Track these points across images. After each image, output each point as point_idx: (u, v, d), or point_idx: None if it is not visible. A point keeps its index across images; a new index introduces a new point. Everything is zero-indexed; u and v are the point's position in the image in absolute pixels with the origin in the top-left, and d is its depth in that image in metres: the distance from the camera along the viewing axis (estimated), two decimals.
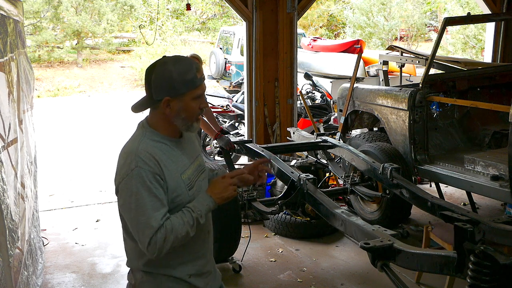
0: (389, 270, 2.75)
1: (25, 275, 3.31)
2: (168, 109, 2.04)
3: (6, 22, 3.65)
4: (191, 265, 2.15)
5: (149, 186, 1.95)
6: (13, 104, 3.58)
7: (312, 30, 22.12)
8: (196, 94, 2.06)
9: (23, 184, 3.67)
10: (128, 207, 1.98)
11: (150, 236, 1.93)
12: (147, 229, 1.94)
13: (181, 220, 1.99)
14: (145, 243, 1.95)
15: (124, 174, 1.97)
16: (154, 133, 2.07)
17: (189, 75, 2.03)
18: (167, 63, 2.03)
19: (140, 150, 1.99)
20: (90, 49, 19.40)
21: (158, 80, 2.02)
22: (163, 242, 1.94)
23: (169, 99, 2.02)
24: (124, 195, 1.99)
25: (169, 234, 1.95)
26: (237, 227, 4.33)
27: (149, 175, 1.96)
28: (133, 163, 1.96)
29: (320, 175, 5.39)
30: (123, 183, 1.98)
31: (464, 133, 5.66)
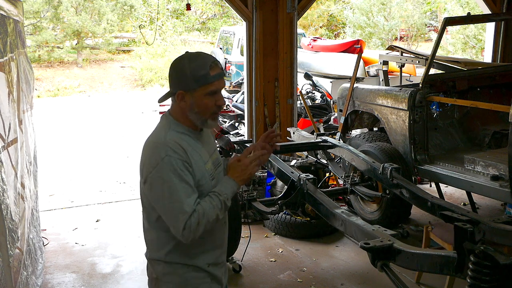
0: (389, 270, 2.75)
1: (24, 275, 3.31)
2: (182, 102, 2.11)
3: (6, 22, 3.65)
4: (210, 254, 2.21)
5: (180, 173, 2.01)
6: (13, 104, 3.58)
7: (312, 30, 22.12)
8: (209, 90, 2.10)
9: (23, 184, 3.67)
10: (160, 195, 2.03)
11: (184, 221, 1.99)
12: (181, 214, 2.00)
13: (210, 204, 2.07)
14: (180, 228, 2.00)
15: (155, 164, 2.02)
16: (178, 125, 2.13)
17: (202, 72, 2.07)
18: (184, 58, 2.12)
19: (169, 140, 2.06)
20: (90, 49, 19.40)
21: (173, 74, 2.12)
22: (196, 226, 2.01)
23: (183, 92, 2.09)
24: (156, 184, 2.04)
25: (202, 218, 2.02)
26: (237, 227, 4.33)
27: (179, 163, 2.02)
28: (163, 152, 2.02)
29: (320, 175, 5.39)
30: (154, 172, 2.02)
31: (464, 133, 5.66)
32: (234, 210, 4.28)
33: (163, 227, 2.10)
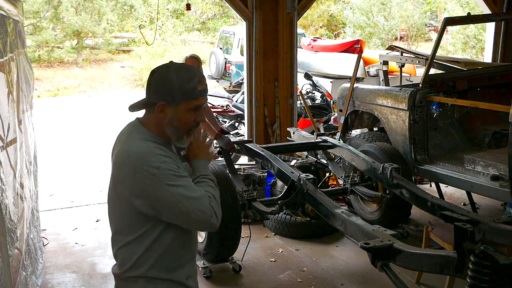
0: (389, 270, 2.75)
1: (24, 275, 3.31)
2: (162, 114, 2.02)
3: (6, 22, 3.64)
4: (188, 267, 2.15)
5: (178, 172, 1.98)
6: (13, 104, 3.57)
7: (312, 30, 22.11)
8: (193, 105, 2.03)
9: (22, 184, 3.66)
10: (171, 200, 1.95)
11: (208, 209, 1.98)
12: (202, 205, 1.97)
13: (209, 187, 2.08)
14: (208, 217, 1.98)
15: (151, 175, 1.93)
16: (152, 135, 2.04)
17: (189, 85, 2.01)
18: (170, 68, 2.03)
19: (154, 148, 1.98)
20: (90, 49, 19.40)
21: (157, 83, 2.02)
22: (218, 209, 2.03)
23: (164, 104, 2.01)
24: (159, 194, 1.94)
25: (216, 198, 2.05)
26: (237, 227, 4.33)
27: (173, 165, 1.98)
28: (156, 161, 1.94)
29: (320, 175, 5.39)
30: (152, 185, 1.93)
31: (464, 133, 5.66)
32: (234, 210, 4.28)
33: (146, 242, 2.03)
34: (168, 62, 2.09)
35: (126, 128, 2.14)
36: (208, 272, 4.44)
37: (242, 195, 4.49)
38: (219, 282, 4.38)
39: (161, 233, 2.03)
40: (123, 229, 2.07)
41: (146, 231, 2.03)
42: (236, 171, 5.14)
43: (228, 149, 5.05)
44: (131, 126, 2.11)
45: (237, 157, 7.07)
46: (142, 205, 1.98)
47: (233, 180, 4.58)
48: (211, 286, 4.34)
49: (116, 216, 2.11)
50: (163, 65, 2.07)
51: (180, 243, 2.08)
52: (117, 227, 2.11)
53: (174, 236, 2.05)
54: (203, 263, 4.48)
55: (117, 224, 2.11)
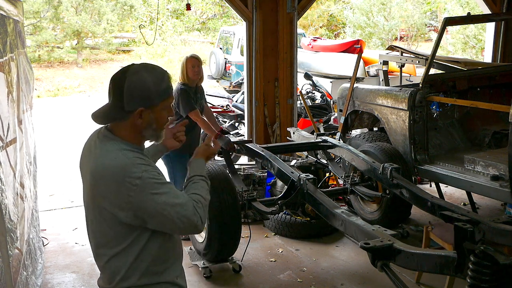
0: (389, 270, 2.75)
1: (24, 275, 3.31)
2: (140, 120, 1.96)
3: (6, 22, 3.65)
4: (176, 266, 2.15)
5: (161, 180, 1.95)
6: (13, 104, 3.57)
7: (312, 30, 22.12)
8: (169, 103, 2.02)
9: (22, 184, 3.66)
10: (156, 209, 1.91)
11: (193, 214, 1.96)
12: (187, 211, 1.95)
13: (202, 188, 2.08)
14: (194, 223, 1.96)
15: (133, 186, 1.89)
16: (127, 144, 1.99)
17: (164, 84, 1.98)
18: (140, 71, 1.96)
19: (133, 158, 1.93)
20: (90, 49, 19.40)
21: (132, 90, 1.93)
22: (204, 213, 2.01)
23: (143, 109, 1.95)
24: (144, 204, 1.91)
25: (204, 204, 2.04)
26: (237, 227, 4.33)
27: (154, 172, 1.95)
28: (138, 171, 1.89)
29: (320, 175, 5.39)
30: (135, 196, 1.89)
31: (464, 133, 5.66)
32: (234, 210, 4.28)
33: (133, 252, 1.99)
34: (129, 65, 2.01)
35: (94, 138, 2.05)
36: (208, 272, 4.44)
37: (242, 195, 4.49)
38: (219, 282, 4.38)
39: (148, 241, 2.00)
40: (107, 242, 2.01)
41: (132, 241, 1.99)
42: (236, 171, 5.14)
43: (228, 149, 5.05)
44: (101, 136, 2.02)
45: (237, 157, 7.07)
46: (127, 217, 1.94)
47: (233, 180, 4.58)
48: (211, 286, 4.34)
49: (98, 229, 2.04)
50: (129, 71, 1.97)
51: (168, 246, 2.07)
52: (99, 241, 2.04)
53: (161, 242, 2.03)
54: (203, 263, 4.48)
55: (100, 238, 2.04)
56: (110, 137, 2.00)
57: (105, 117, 2.02)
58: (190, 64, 4.99)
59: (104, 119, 2.02)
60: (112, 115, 2.00)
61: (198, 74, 5.04)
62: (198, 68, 5.02)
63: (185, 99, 4.93)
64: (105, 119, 2.03)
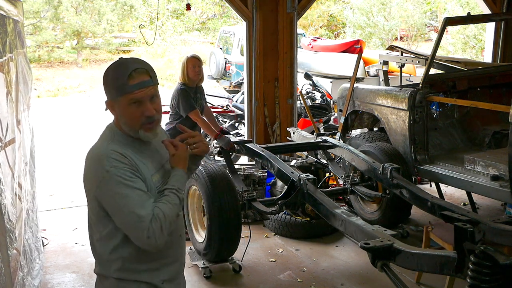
0: (389, 270, 2.75)
1: (20, 275, 3.29)
2: (113, 111, 2.07)
3: (5, 22, 3.64)
4: (165, 271, 2.12)
5: (129, 182, 1.93)
6: (11, 104, 3.57)
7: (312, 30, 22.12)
8: (130, 99, 2.00)
9: (20, 185, 3.65)
10: (116, 208, 1.94)
11: (146, 230, 1.90)
12: (140, 222, 1.91)
13: (168, 203, 1.98)
14: (144, 237, 1.91)
15: (101, 177, 1.94)
16: (122, 135, 2.06)
17: (119, 81, 2.00)
18: (110, 66, 2.09)
19: (110, 151, 1.97)
20: (90, 49, 19.41)
21: (103, 82, 2.07)
22: (160, 231, 1.92)
23: (111, 102, 2.05)
24: (107, 199, 1.95)
25: (164, 222, 1.93)
26: (237, 227, 4.33)
27: (126, 171, 1.94)
28: (108, 164, 1.93)
29: (320, 175, 5.38)
30: (101, 187, 1.94)
31: (464, 133, 5.65)
32: (234, 210, 4.28)
33: (111, 243, 2.02)
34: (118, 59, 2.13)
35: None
36: (208, 272, 4.43)
37: (242, 195, 4.49)
38: (219, 282, 4.38)
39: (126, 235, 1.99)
40: (92, 226, 2.11)
41: (110, 230, 2.02)
42: (236, 171, 5.14)
43: (228, 149, 5.05)
44: (106, 126, 2.14)
45: (237, 157, 7.07)
46: (94, 207, 2.02)
47: (233, 180, 4.58)
48: (211, 286, 4.34)
49: (88, 213, 2.13)
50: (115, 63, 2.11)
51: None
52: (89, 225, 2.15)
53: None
54: (203, 263, 4.48)
55: (89, 222, 2.14)
56: (111, 127, 2.11)
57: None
58: (191, 64, 4.99)
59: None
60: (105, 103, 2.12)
61: (199, 74, 5.04)
62: (199, 68, 5.02)
63: (185, 99, 4.93)
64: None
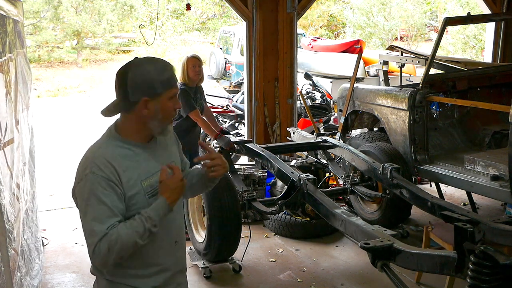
0: (389, 270, 2.75)
1: (18, 276, 3.28)
2: (145, 110, 1.99)
3: (5, 22, 3.64)
4: (155, 278, 2.09)
5: (99, 193, 1.90)
6: (10, 104, 3.56)
7: (312, 30, 22.12)
8: (173, 93, 2.03)
9: (18, 185, 3.64)
10: (80, 212, 1.95)
11: (94, 245, 1.88)
12: (91, 236, 1.88)
13: (130, 229, 1.90)
14: (90, 251, 1.90)
15: (79, 179, 1.95)
16: (118, 138, 2.03)
17: (167, 74, 2.00)
18: (142, 63, 2.00)
19: (97, 156, 1.96)
20: (90, 49, 19.41)
21: (136, 81, 1.97)
22: (107, 252, 1.87)
23: (147, 99, 1.98)
24: (78, 199, 1.97)
25: (113, 245, 1.86)
26: (237, 227, 4.33)
27: (101, 181, 1.90)
28: (88, 168, 1.93)
29: (320, 175, 5.38)
30: (78, 188, 1.96)
31: (464, 133, 5.65)
32: (234, 210, 4.28)
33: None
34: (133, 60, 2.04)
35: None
36: (208, 272, 4.43)
37: (242, 195, 4.49)
38: (219, 282, 4.38)
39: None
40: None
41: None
42: (236, 171, 5.14)
43: (228, 149, 5.05)
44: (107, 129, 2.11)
45: (237, 157, 7.07)
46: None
47: (233, 180, 4.58)
48: (211, 286, 4.34)
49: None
50: (133, 64, 2.01)
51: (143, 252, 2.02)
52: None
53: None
54: (203, 263, 4.48)
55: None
56: (109, 131, 2.08)
57: (113, 109, 2.07)
58: (191, 64, 4.99)
59: (109, 111, 2.08)
60: (117, 107, 2.05)
61: (199, 74, 5.04)
62: (199, 68, 5.02)
63: (185, 99, 4.93)
64: (110, 111, 2.08)
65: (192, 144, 5.08)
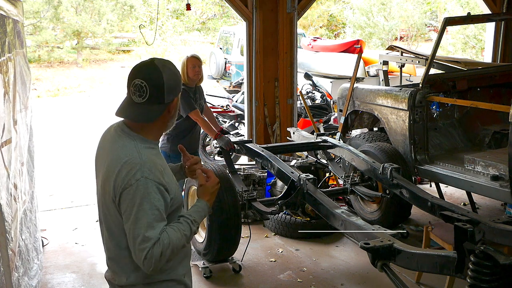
0: (389, 270, 2.75)
1: (16, 276, 3.26)
2: (173, 109, 2.08)
3: (5, 22, 3.64)
4: (184, 263, 2.15)
5: (151, 198, 1.91)
6: (9, 104, 3.55)
7: (312, 30, 22.12)
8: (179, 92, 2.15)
9: (15, 185, 3.63)
10: (128, 218, 1.92)
11: (147, 250, 1.88)
12: (144, 242, 1.88)
13: (179, 233, 1.96)
14: (141, 257, 1.89)
15: (127, 184, 1.91)
16: (143, 139, 2.03)
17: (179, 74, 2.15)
18: (167, 65, 2.04)
19: (145, 160, 1.95)
20: (90, 49, 19.41)
21: (171, 83, 2.01)
22: (159, 257, 1.90)
23: (176, 98, 2.08)
24: (125, 206, 1.93)
25: (166, 249, 1.91)
26: (237, 227, 4.33)
27: (154, 186, 1.92)
28: (139, 173, 1.91)
29: (320, 175, 5.38)
30: (125, 193, 1.92)
31: (464, 133, 5.66)
32: (234, 210, 4.28)
33: None
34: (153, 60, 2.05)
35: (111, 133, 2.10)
36: (208, 272, 4.43)
37: (242, 195, 4.49)
38: (219, 282, 4.38)
39: None
40: (114, 237, 2.05)
41: None
42: (236, 171, 5.14)
43: (228, 150, 5.05)
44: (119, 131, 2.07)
45: (237, 157, 7.07)
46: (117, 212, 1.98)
47: (233, 180, 4.58)
48: (211, 286, 4.34)
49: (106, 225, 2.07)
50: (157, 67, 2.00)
51: None
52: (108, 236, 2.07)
53: None
54: (203, 263, 4.48)
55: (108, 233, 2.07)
56: (127, 133, 2.04)
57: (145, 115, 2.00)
58: (191, 64, 4.98)
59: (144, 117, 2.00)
60: (152, 111, 2.00)
61: (199, 74, 5.04)
62: (199, 68, 5.02)
63: (185, 99, 4.92)
64: (145, 117, 2.00)
65: (192, 144, 5.08)
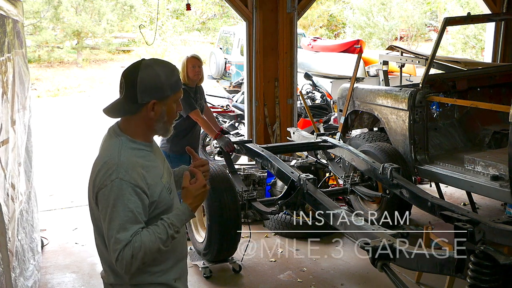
0: (389, 270, 2.75)
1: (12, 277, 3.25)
2: (152, 112, 2.00)
3: (5, 22, 3.64)
4: (176, 269, 2.13)
5: (126, 199, 1.90)
6: (7, 104, 3.54)
7: (312, 30, 22.11)
8: (178, 97, 2.07)
9: (13, 185, 3.61)
10: (104, 217, 1.93)
11: (117, 252, 1.88)
12: (116, 243, 1.89)
13: (153, 236, 1.93)
14: (114, 258, 1.90)
15: (102, 185, 1.92)
16: (131, 140, 2.02)
17: (175, 77, 2.03)
18: (151, 65, 2.00)
19: (123, 160, 1.94)
20: (90, 49, 19.41)
21: (145, 83, 1.97)
22: (130, 259, 1.88)
23: (156, 102, 1.99)
24: (101, 206, 1.94)
25: (138, 252, 1.89)
26: (237, 227, 4.32)
27: (129, 187, 1.90)
28: (114, 174, 1.90)
29: (320, 175, 5.38)
30: (101, 193, 1.92)
31: (464, 133, 5.66)
32: (234, 210, 4.28)
33: None
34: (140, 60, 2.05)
35: (105, 134, 2.11)
36: (208, 272, 4.43)
37: (242, 195, 4.49)
38: (219, 282, 4.38)
39: None
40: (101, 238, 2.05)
41: None
42: (236, 171, 5.14)
43: (228, 150, 5.05)
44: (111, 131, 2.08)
45: (237, 157, 7.07)
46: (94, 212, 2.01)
47: (233, 180, 4.58)
48: (211, 286, 4.34)
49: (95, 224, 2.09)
50: (142, 65, 2.00)
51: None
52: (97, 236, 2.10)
53: None
54: (203, 263, 4.48)
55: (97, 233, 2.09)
56: (117, 133, 2.04)
57: (117, 110, 2.05)
58: (191, 64, 4.98)
59: (116, 112, 2.05)
60: (125, 108, 2.02)
61: (199, 74, 5.04)
62: (199, 68, 5.02)
63: (186, 99, 4.92)
64: (117, 113, 2.05)
65: (192, 144, 5.08)
